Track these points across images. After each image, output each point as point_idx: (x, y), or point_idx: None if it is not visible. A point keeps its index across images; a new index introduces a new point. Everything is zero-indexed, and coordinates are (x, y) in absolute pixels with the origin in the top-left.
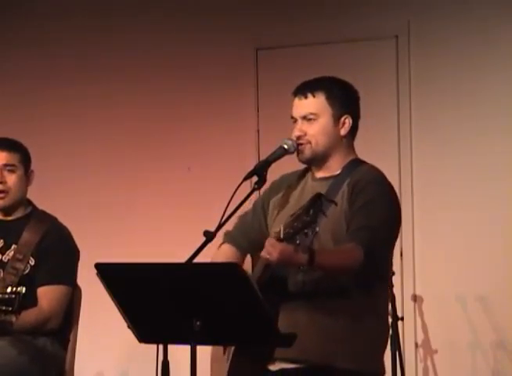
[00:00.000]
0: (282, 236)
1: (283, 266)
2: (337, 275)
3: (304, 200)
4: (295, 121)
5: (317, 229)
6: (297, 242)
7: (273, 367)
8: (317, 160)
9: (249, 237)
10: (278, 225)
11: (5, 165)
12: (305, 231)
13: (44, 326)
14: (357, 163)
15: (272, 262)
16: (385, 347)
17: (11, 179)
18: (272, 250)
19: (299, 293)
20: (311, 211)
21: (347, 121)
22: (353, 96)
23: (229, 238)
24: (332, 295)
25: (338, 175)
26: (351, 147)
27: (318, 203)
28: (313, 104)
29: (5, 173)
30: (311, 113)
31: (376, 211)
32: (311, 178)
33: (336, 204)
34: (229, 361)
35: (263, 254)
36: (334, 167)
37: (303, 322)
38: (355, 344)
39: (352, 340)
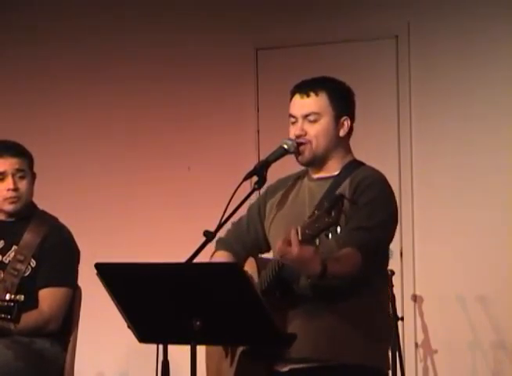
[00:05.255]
0: (300, 237)
1: (293, 269)
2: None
3: (299, 201)
4: (294, 119)
5: (338, 230)
6: (317, 244)
7: (282, 368)
8: (316, 162)
9: (244, 243)
10: (276, 227)
11: (18, 170)
12: (326, 233)
13: (44, 328)
14: (356, 164)
15: (286, 262)
16: (390, 342)
17: (23, 185)
18: (290, 249)
19: (308, 294)
20: (334, 213)
21: (346, 123)
22: (351, 98)
23: (224, 245)
24: (342, 296)
25: (338, 175)
26: (348, 148)
27: (340, 203)
28: (316, 104)
29: (17, 179)
30: (314, 113)
31: (378, 211)
32: (308, 179)
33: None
34: (236, 364)
35: (278, 251)
36: (333, 167)
37: (314, 322)
38: (364, 340)
39: (362, 337)
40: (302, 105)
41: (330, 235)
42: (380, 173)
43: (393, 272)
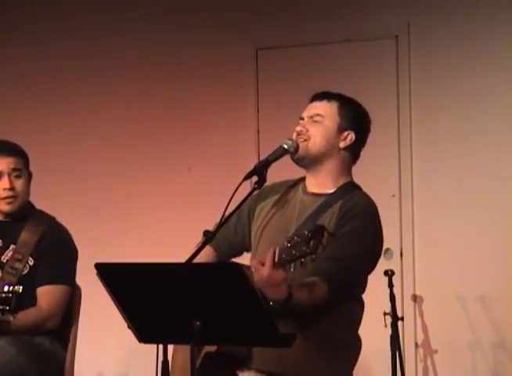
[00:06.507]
0: (276, 259)
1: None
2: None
3: (289, 211)
4: (302, 121)
5: (313, 257)
6: (292, 269)
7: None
8: (308, 162)
9: (230, 243)
10: (263, 234)
11: (14, 170)
12: (301, 260)
13: (43, 326)
14: (352, 187)
15: (255, 280)
16: (355, 363)
17: (19, 185)
18: (261, 269)
19: (277, 309)
20: (312, 243)
21: (350, 137)
22: (365, 122)
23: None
24: (312, 315)
25: (332, 194)
26: (348, 169)
27: (319, 235)
28: (324, 107)
29: (13, 178)
30: (318, 115)
31: (354, 243)
32: (303, 191)
33: (334, 237)
34: (199, 362)
35: (251, 265)
36: (327, 184)
37: None
38: (330, 361)
39: (328, 357)
40: (312, 107)
41: (305, 263)
42: (371, 203)
43: (393, 272)
